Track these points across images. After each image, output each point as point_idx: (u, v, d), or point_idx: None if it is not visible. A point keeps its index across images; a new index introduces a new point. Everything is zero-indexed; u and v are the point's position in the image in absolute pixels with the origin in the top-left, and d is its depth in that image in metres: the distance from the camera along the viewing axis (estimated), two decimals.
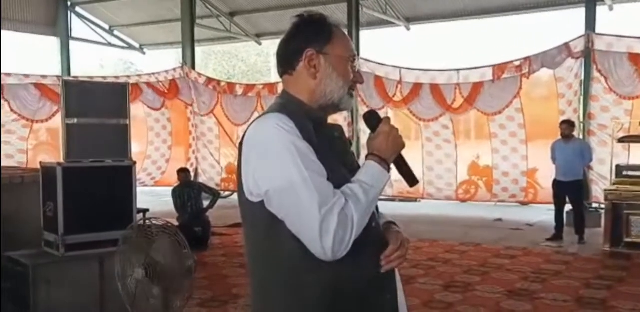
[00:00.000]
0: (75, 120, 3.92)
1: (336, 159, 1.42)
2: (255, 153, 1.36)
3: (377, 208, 1.56)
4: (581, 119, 8.75)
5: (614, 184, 6.73)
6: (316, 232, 1.27)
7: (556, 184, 7.38)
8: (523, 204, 10.13)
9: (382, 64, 10.29)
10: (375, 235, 1.44)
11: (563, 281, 5.34)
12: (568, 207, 7.52)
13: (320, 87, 1.46)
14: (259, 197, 1.36)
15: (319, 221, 1.26)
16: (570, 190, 7.26)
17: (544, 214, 9.03)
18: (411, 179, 1.51)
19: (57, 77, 12.09)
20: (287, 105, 1.46)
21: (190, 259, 2.82)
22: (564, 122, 7.52)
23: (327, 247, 1.27)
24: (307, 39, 1.47)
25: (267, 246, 1.41)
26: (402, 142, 1.45)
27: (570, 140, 7.28)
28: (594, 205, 8.63)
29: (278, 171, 1.32)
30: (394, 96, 10.20)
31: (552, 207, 7.64)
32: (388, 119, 1.47)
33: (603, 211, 7.18)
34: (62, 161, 3.88)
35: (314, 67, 1.46)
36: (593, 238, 7.13)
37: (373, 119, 1.48)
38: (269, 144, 1.34)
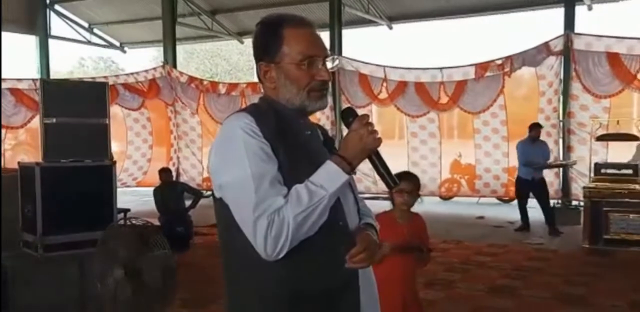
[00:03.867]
0: (54, 120, 3.88)
1: (304, 157, 1.41)
2: (214, 150, 1.40)
3: (358, 207, 1.55)
4: (561, 118, 8.85)
5: (593, 181, 6.81)
6: (251, 232, 1.30)
7: (525, 182, 7.77)
8: (504, 201, 10.24)
9: (365, 63, 10.28)
10: (342, 235, 1.42)
11: (543, 278, 5.40)
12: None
13: (280, 95, 1.47)
14: (218, 192, 1.40)
15: (252, 223, 1.29)
16: (541, 186, 7.76)
17: None
18: (387, 181, 1.42)
19: (33, 80, 11.72)
20: (260, 104, 1.49)
21: (171, 259, 2.80)
22: (538, 125, 7.88)
23: (260, 247, 1.30)
24: (259, 51, 1.49)
25: (231, 241, 1.43)
26: (372, 141, 1.36)
27: (536, 141, 7.80)
28: (574, 202, 8.73)
29: (225, 169, 1.36)
30: (379, 94, 10.17)
31: (533, 204, 7.79)
32: (364, 116, 1.40)
33: (582, 208, 7.28)
34: (40, 160, 3.83)
35: (269, 79, 1.48)
36: (572, 235, 7.22)
37: (349, 117, 1.43)
38: (224, 142, 1.38)
